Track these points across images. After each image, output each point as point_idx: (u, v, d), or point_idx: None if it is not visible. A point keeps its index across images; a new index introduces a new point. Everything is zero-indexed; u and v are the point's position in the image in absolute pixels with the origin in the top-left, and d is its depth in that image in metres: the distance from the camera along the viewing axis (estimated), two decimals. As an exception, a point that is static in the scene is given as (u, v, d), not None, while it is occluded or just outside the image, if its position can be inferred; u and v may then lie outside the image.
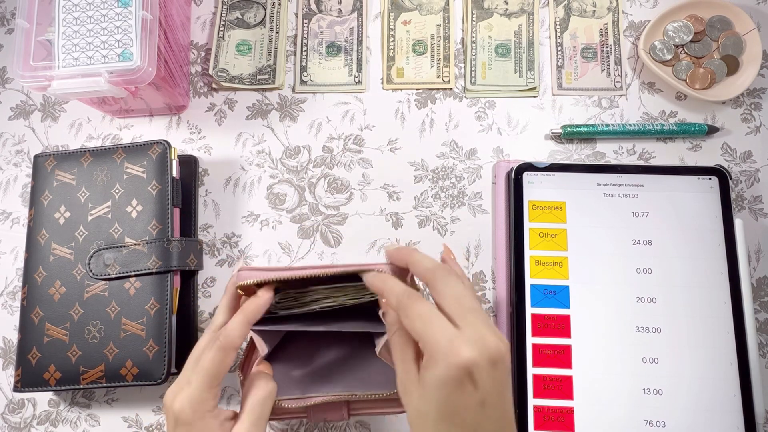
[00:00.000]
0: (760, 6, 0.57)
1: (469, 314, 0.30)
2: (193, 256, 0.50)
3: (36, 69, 0.47)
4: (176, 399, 0.34)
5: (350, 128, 0.56)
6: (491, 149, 0.55)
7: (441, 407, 0.28)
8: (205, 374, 0.34)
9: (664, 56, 0.55)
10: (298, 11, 0.59)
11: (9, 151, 0.57)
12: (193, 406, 0.33)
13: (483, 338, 0.28)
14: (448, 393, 0.28)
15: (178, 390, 0.34)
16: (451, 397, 0.28)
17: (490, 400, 0.28)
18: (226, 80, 0.56)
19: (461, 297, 0.30)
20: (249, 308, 0.36)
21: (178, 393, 0.34)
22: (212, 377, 0.34)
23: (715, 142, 0.54)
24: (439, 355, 0.28)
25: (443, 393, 0.28)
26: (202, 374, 0.34)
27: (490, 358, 0.28)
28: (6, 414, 0.51)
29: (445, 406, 0.28)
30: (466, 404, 0.28)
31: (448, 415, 0.28)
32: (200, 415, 0.33)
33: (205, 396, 0.34)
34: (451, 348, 0.28)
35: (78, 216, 0.49)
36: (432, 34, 0.57)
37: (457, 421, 0.28)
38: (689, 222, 0.49)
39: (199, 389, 0.34)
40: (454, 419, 0.28)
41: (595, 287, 0.48)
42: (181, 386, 0.34)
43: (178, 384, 0.35)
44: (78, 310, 0.47)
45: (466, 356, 0.27)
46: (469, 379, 0.28)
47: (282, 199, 0.54)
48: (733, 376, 0.46)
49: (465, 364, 0.27)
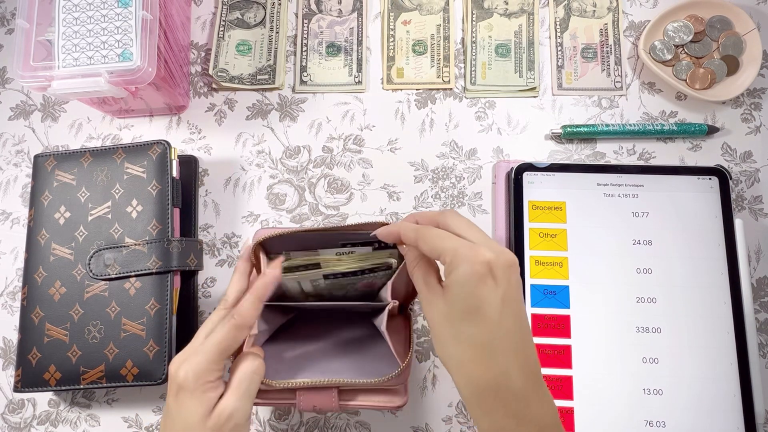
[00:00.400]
0: (760, 6, 0.57)
1: (481, 235, 0.33)
2: (193, 256, 0.50)
3: (36, 69, 0.47)
4: (181, 367, 0.35)
5: (350, 128, 0.56)
6: (491, 149, 0.55)
7: (466, 303, 0.31)
8: (215, 349, 0.35)
9: (664, 56, 0.55)
10: (298, 11, 0.59)
11: (9, 151, 0.57)
12: (197, 375, 0.34)
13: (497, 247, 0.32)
14: (472, 288, 0.31)
15: (185, 359, 0.35)
16: (475, 291, 0.31)
17: (508, 296, 0.31)
18: (226, 80, 0.56)
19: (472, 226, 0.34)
20: (258, 286, 0.37)
21: (184, 361, 0.35)
22: (221, 352, 0.35)
23: (715, 142, 0.54)
24: (461, 257, 0.31)
25: (467, 289, 0.31)
26: (212, 348, 0.35)
27: (506, 262, 0.31)
28: (6, 414, 0.51)
29: (471, 301, 0.31)
30: (488, 298, 0.31)
31: (474, 310, 0.31)
32: (201, 384, 0.34)
33: (211, 367, 0.34)
34: (472, 250, 0.31)
35: (78, 216, 0.49)
36: (432, 34, 0.57)
37: (481, 315, 0.31)
38: (689, 222, 0.49)
39: (206, 361, 0.34)
40: (478, 313, 0.31)
41: (595, 287, 0.48)
42: (188, 355, 0.35)
43: (185, 353, 0.35)
44: (78, 311, 0.47)
45: (487, 255, 0.31)
46: (491, 275, 0.31)
47: (282, 199, 0.54)
48: (733, 376, 0.46)
49: (486, 261, 0.31)
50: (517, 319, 0.31)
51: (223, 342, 0.35)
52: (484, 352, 0.31)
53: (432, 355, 0.51)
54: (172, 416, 0.35)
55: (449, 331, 0.32)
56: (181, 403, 0.34)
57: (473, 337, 0.31)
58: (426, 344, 0.51)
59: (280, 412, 0.50)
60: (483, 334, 0.31)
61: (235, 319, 0.35)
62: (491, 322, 0.31)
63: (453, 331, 0.32)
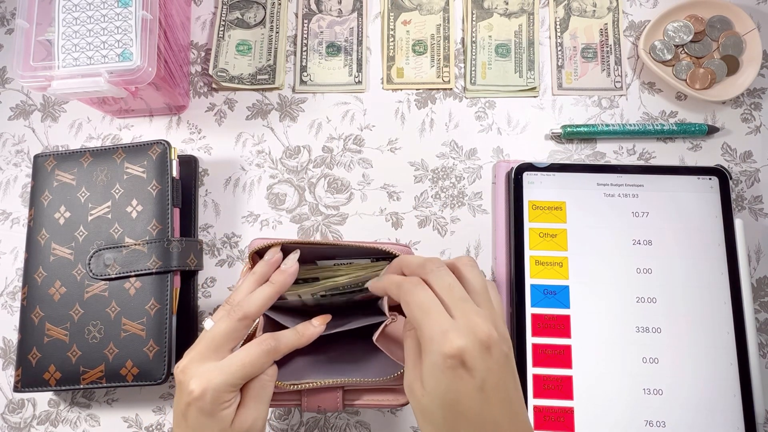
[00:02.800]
0: (760, 6, 0.57)
1: (460, 303, 0.30)
2: (193, 256, 0.50)
3: (36, 69, 0.47)
4: (198, 382, 0.33)
5: (350, 128, 0.56)
6: (491, 149, 0.55)
7: (442, 398, 0.29)
8: (241, 373, 0.34)
9: (664, 56, 0.55)
10: (298, 11, 0.58)
11: (9, 151, 0.57)
12: (216, 396, 0.33)
13: (473, 326, 0.29)
14: (446, 383, 0.29)
15: (202, 373, 0.33)
16: (450, 386, 0.29)
17: (488, 384, 0.28)
18: (226, 80, 0.56)
19: (452, 287, 0.31)
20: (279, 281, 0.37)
21: (201, 377, 0.33)
22: (245, 376, 0.34)
23: (715, 142, 0.54)
24: (432, 345, 0.29)
25: (442, 384, 0.29)
26: (237, 372, 0.33)
27: (481, 344, 0.29)
28: (6, 414, 0.51)
29: (446, 397, 0.29)
30: (464, 391, 0.28)
31: (450, 405, 0.29)
32: (219, 404, 0.33)
33: (230, 389, 0.33)
34: (443, 338, 0.29)
35: (78, 216, 0.49)
36: (432, 34, 0.57)
37: (460, 409, 0.29)
38: (689, 222, 0.49)
39: (227, 384, 0.33)
40: (456, 408, 0.29)
41: (595, 287, 0.48)
42: (207, 371, 0.33)
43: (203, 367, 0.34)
44: (78, 311, 0.47)
45: (456, 344, 0.28)
46: (463, 366, 0.28)
47: (282, 199, 0.54)
48: (733, 376, 0.46)
49: (455, 352, 0.28)
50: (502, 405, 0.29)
51: (249, 366, 0.34)
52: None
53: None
54: (187, 426, 0.34)
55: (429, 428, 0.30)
56: (196, 418, 0.33)
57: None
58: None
59: (280, 412, 0.50)
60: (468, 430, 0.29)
61: (270, 346, 0.35)
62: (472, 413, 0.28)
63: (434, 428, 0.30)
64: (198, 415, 0.33)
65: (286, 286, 0.37)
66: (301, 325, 0.38)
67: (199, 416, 0.33)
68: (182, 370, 0.34)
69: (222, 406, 0.33)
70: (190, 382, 0.33)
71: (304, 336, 0.37)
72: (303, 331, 0.37)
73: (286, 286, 0.37)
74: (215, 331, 0.35)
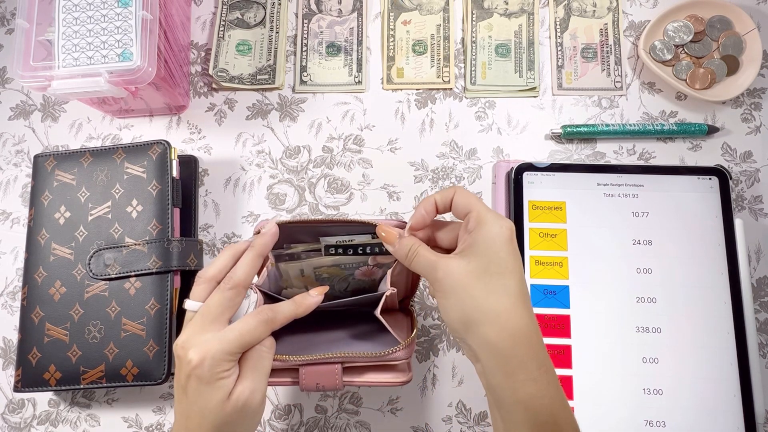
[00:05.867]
0: (760, 6, 0.57)
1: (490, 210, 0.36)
2: (193, 256, 0.50)
3: (36, 69, 0.47)
4: (195, 351, 0.33)
5: (350, 128, 0.56)
6: (491, 149, 0.55)
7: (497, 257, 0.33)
8: (238, 342, 0.34)
9: (664, 56, 0.55)
10: (298, 11, 0.58)
11: (9, 151, 0.57)
12: (213, 365, 0.33)
13: None
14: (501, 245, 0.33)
15: (200, 343, 0.34)
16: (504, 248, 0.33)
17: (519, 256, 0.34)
18: (226, 80, 0.56)
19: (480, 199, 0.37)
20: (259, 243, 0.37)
21: (198, 346, 0.33)
22: (243, 345, 0.34)
23: (715, 142, 0.54)
24: (489, 218, 0.34)
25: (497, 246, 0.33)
26: (235, 340, 0.34)
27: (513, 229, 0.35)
28: (6, 414, 0.51)
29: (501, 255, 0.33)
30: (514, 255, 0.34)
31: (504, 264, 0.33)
32: (217, 373, 0.33)
33: (229, 358, 0.34)
34: (496, 213, 0.35)
35: (78, 216, 0.49)
36: (432, 34, 0.57)
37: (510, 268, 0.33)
38: (689, 222, 0.49)
39: (225, 352, 0.33)
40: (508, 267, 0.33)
41: (595, 287, 0.48)
42: (205, 341, 0.34)
43: (200, 337, 0.34)
44: (78, 310, 0.47)
45: (508, 220, 0.35)
46: (514, 237, 0.34)
47: (282, 199, 0.54)
48: (733, 376, 0.46)
49: (510, 224, 0.34)
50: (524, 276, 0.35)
51: (247, 335, 0.34)
52: (520, 301, 0.33)
53: (432, 355, 0.51)
54: (187, 400, 0.34)
55: (481, 286, 0.33)
56: (196, 388, 0.33)
57: (509, 288, 0.33)
58: (425, 344, 0.51)
59: (280, 411, 0.50)
60: (516, 285, 0.33)
61: (267, 316, 0.35)
62: (520, 274, 0.33)
63: (485, 286, 0.33)
64: (197, 385, 0.33)
65: (267, 248, 0.37)
66: (299, 296, 0.38)
67: (199, 385, 0.33)
68: (181, 345, 0.34)
69: (220, 374, 0.33)
70: (189, 352, 0.34)
71: (302, 306, 0.37)
72: (301, 301, 0.37)
73: (266, 247, 0.37)
74: (209, 303, 0.35)
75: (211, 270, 0.37)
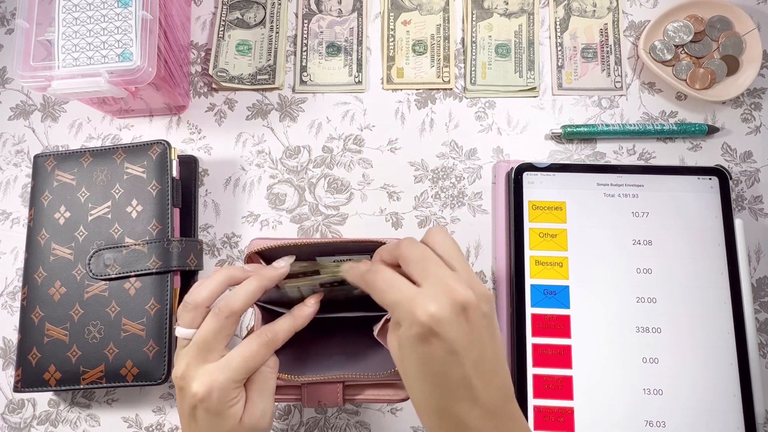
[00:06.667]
0: (760, 6, 0.57)
1: (434, 270, 0.30)
2: (193, 256, 0.50)
3: (36, 69, 0.47)
4: (200, 383, 0.33)
5: (350, 128, 0.56)
6: (491, 149, 0.55)
7: (415, 365, 0.30)
8: (243, 367, 0.33)
9: (664, 56, 0.55)
10: (298, 11, 0.58)
11: (9, 151, 0.57)
12: (222, 395, 0.33)
13: (446, 289, 0.29)
14: (418, 350, 0.29)
15: (203, 374, 0.33)
16: (420, 352, 0.29)
17: (459, 345, 0.28)
18: (226, 80, 0.56)
19: (425, 257, 0.31)
20: (266, 275, 0.36)
21: (202, 378, 0.33)
22: (248, 371, 0.34)
23: (715, 142, 0.54)
24: (402, 315, 0.29)
25: (413, 351, 0.29)
26: (239, 367, 0.33)
27: (455, 306, 0.28)
28: (6, 414, 0.51)
29: (418, 363, 0.29)
30: (434, 356, 0.29)
31: (422, 370, 0.29)
32: (227, 402, 0.33)
33: (235, 385, 0.33)
34: (411, 307, 0.28)
35: (78, 216, 0.49)
36: (432, 34, 0.57)
37: (430, 372, 0.29)
38: (689, 222, 0.49)
39: (231, 380, 0.33)
40: (427, 371, 0.29)
41: (595, 287, 0.48)
42: (208, 372, 0.33)
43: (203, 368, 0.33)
44: (78, 311, 0.47)
45: (427, 311, 0.28)
46: (433, 334, 0.28)
47: (282, 199, 0.54)
48: (733, 376, 0.46)
49: (425, 321, 0.28)
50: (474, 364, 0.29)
51: (251, 360, 0.34)
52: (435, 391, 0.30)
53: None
54: (198, 428, 0.34)
55: None
56: (205, 418, 0.33)
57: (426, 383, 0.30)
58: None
59: (280, 412, 0.50)
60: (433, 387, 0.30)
61: (268, 337, 0.35)
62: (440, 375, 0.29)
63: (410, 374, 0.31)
64: (206, 416, 0.33)
65: (272, 282, 0.36)
66: (295, 308, 0.38)
67: (208, 416, 0.33)
68: (181, 376, 0.34)
69: (229, 403, 0.33)
70: (192, 384, 0.33)
71: (299, 318, 0.37)
72: (298, 313, 0.37)
73: (272, 281, 0.36)
74: (204, 332, 0.34)
75: (202, 295, 0.35)
